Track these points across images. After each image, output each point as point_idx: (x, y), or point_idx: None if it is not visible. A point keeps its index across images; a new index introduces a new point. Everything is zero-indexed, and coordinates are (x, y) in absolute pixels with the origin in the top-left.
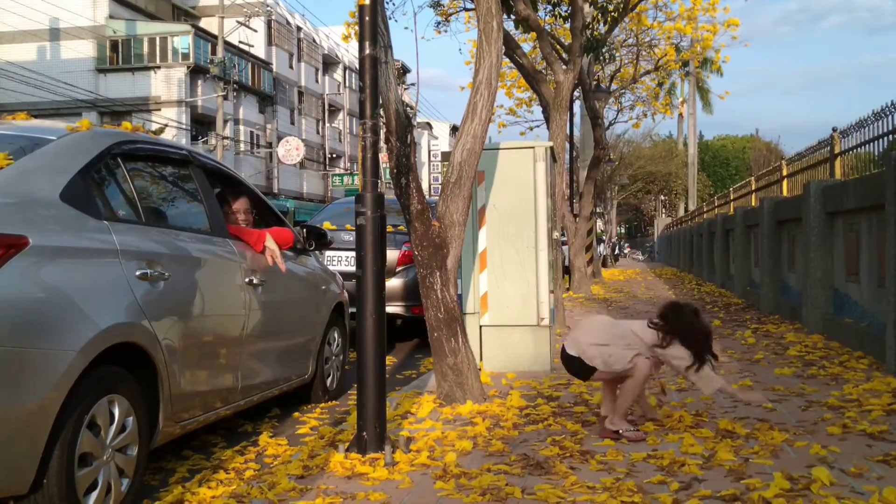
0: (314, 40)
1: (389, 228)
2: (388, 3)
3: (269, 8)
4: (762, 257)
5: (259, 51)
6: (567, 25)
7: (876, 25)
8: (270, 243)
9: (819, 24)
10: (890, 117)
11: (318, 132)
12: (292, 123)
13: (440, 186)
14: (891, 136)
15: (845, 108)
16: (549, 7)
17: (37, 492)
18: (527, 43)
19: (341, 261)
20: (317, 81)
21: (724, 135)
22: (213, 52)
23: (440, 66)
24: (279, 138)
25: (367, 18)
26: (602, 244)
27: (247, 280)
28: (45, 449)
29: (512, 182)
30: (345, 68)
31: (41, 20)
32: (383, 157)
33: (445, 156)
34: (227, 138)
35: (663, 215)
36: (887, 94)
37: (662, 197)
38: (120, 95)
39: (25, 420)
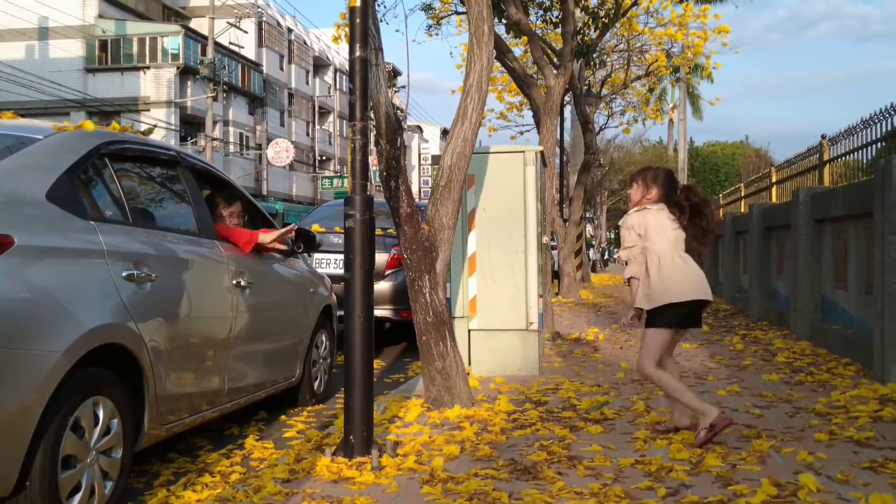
0: (305, 42)
1: (378, 231)
2: (379, 5)
3: (259, 9)
4: (751, 263)
5: (249, 52)
6: (558, 30)
7: (865, 33)
8: (266, 237)
9: (808, 31)
10: (878, 125)
11: (307, 134)
12: (282, 125)
13: (430, 190)
14: (879, 144)
15: (835, 116)
16: (541, 12)
17: (19, 494)
18: (518, 47)
19: (330, 263)
20: (307, 83)
21: (714, 141)
22: (203, 53)
23: (431, 69)
24: (269, 140)
25: (357, 20)
26: (591, 249)
27: (234, 282)
28: (28, 451)
29: (502, 186)
30: (335, 70)
31: (30, 19)
32: (373, 159)
33: (435, 159)
34: (216, 139)
35: None
36: (876, 101)
37: None
38: (109, 95)
39: (8, 421)
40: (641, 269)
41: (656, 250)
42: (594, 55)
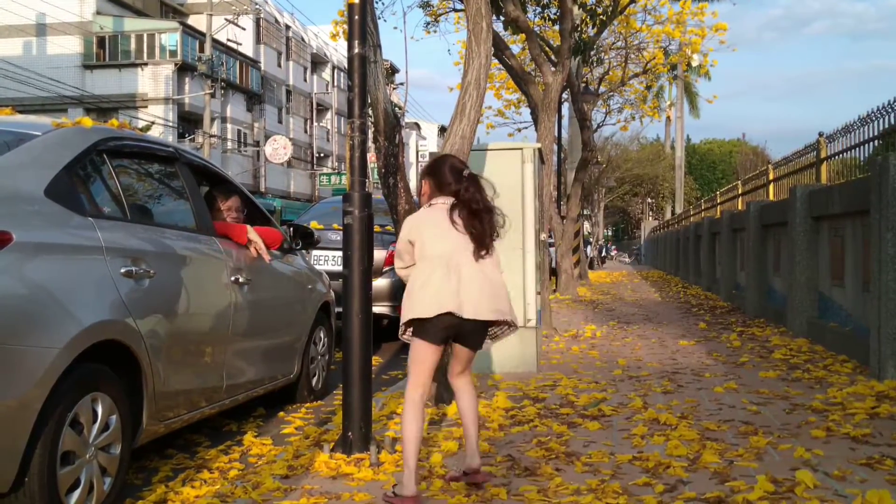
0: (303, 39)
1: (377, 228)
2: (377, 2)
3: (257, 6)
4: (748, 261)
5: (247, 49)
6: (556, 27)
7: (859, 32)
8: (253, 235)
9: (803, 30)
10: (875, 123)
11: (305, 131)
12: (280, 122)
13: None
14: (876, 142)
15: (831, 113)
16: (539, 9)
17: (18, 490)
18: (516, 44)
19: (328, 260)
20: (305, 80)
21: (711, 138)
22: (201, 50)
23: (429, 66)
24: (267, 137)
25: (356, 17)
26: (589, 246)
27: (233, 279)
28: (26, 447)
29: (500, 183)
30: (333, 67)
31: (27, 15)
32: (371, 156)
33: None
34: (214, 136)
35: (650, 218)
36: (872, 98)
37: (649, 200)
38: (106, 92)
39: (7, 417)
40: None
41: (430, 254)
42: (592, 52)
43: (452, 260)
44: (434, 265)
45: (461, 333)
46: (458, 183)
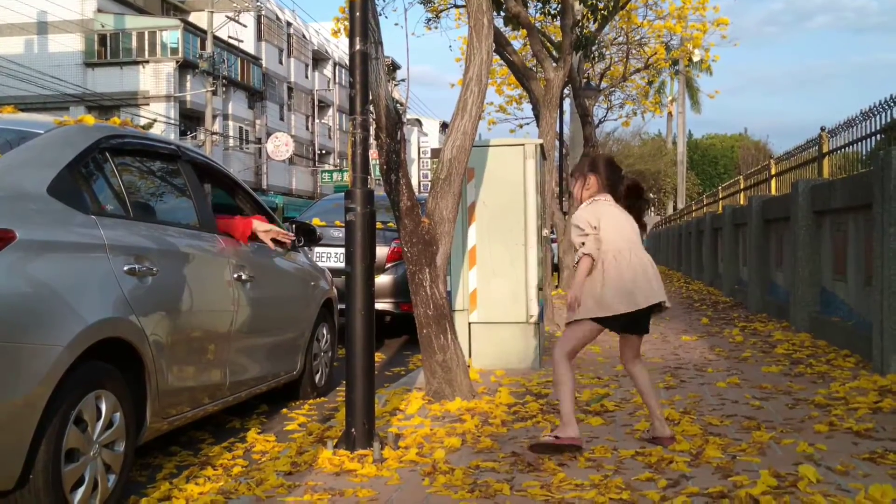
0: (304, 36)
1: (379, 225)
2: None
3: (258, 3)
4: (750, 256)
5: (248, 46)
6: (557, 23)
7: (861, 25)
8: (260, 226)
9: (805, 24)
10: (877, 117)
11: (307, 128)
12: (282, 119)
13: (430, 183)
14: (878, 136)
15: (833, 108)
16: (540, 4)
17: (22, 487)
18: (517, 40)
19: (330, 257)
20: (306, 77)
21: (712, 133)
22: (202, 47)
23: (430, 62)
24: (268, 134)
25: (357, 14)
26: None
27: (235, 276)
28: (31, 444)
29: (502, 179)
30: (335, 64)
31: (29, 13)
32: (373, 153)
33: (435, 153)
34: (215, 133)
35: (652, 213)
36: (874, 93)
37: (651, 195)
38: (108, 90)
39: (11, 415)
40: (598, 255)
41: (611, 247)
42: (593, 48)
43: (632, 253)
44: (619, 260)
45: (634, 320)
46: (620, 179)
